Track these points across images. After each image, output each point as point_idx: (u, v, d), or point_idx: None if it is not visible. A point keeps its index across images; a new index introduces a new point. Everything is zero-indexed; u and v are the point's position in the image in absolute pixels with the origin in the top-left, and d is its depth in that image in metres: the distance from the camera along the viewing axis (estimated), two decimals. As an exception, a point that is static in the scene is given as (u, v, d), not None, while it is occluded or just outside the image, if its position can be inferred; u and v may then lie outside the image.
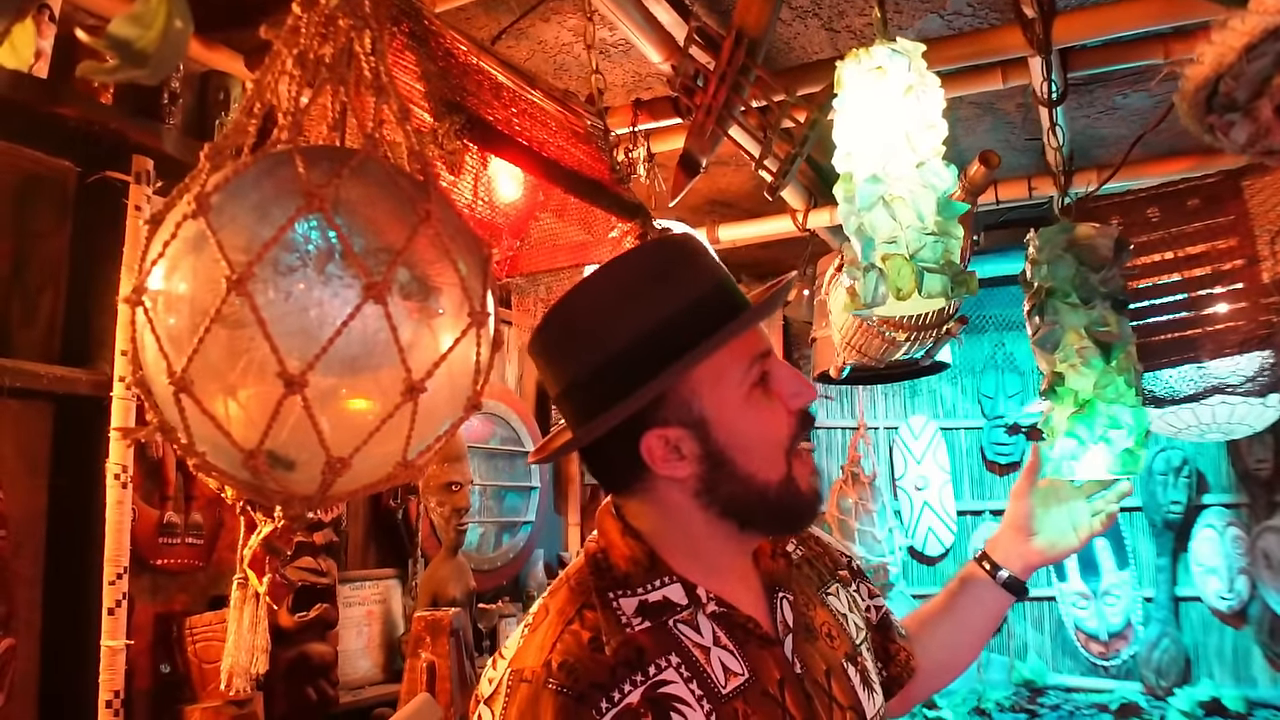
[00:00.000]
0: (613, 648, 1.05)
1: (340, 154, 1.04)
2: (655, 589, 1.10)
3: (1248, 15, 0.72)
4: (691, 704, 1.04)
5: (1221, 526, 3.95)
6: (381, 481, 1.06)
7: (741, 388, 1.08)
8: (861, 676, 1.20)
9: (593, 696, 1.01)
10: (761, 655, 1.11)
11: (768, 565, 1.19)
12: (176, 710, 2.05)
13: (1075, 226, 1.42)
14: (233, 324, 0.96)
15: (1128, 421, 1.35)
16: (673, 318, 1.07)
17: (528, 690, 1.03)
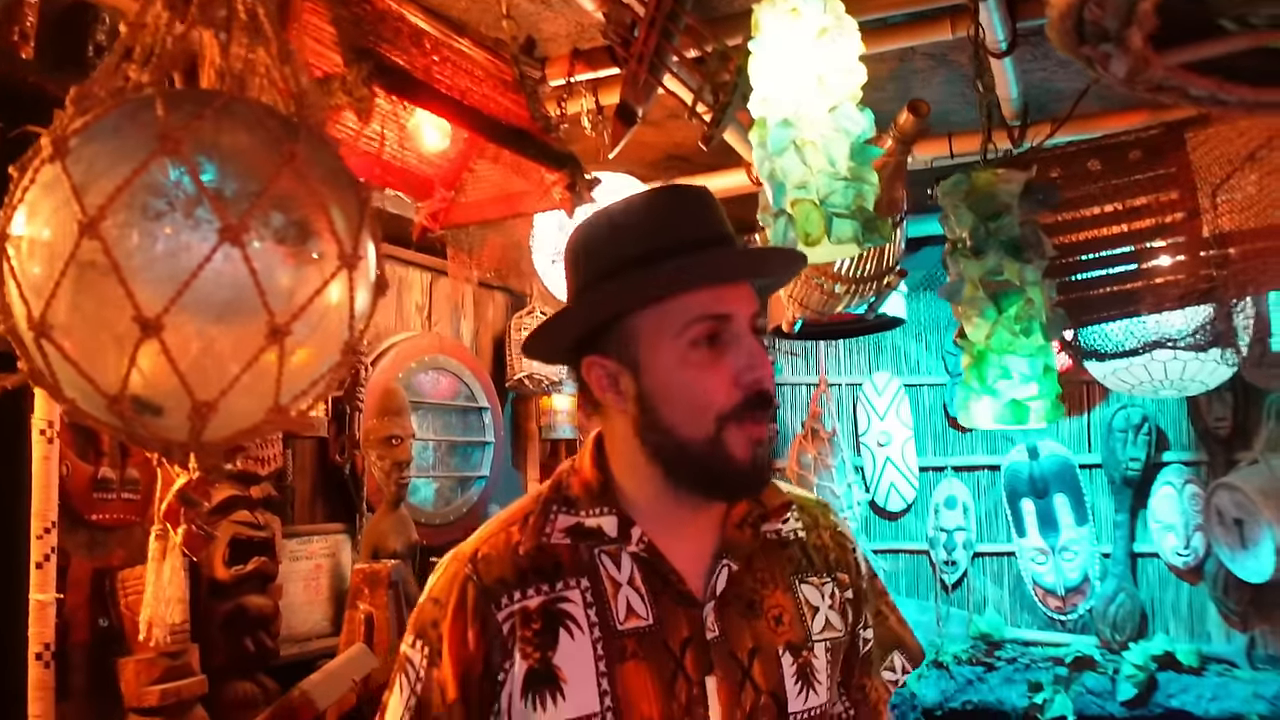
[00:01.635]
0: (528, 552, 1.15)
1: (205, 96, 1.02)
2: (595, 516, 1.17)
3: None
4: (582, 626, 1.12)
5: (1180, 484, 3.97)
6: (256, 428, 1.05)
7: (678, 341, 1.11)
8: (799, 669, 1.19)
9: (496, 591, 1.12)
10: (674, 610, 1.15)
11: (730, 533, 1.21)
12: (112, 661, 2.05)
13: (973, 176, 1.40)
14: (97, 269, 0.94)
15: (1019, 370, 1.33)
16: (637, 256, 1.12)
17: (453, 569, 1.16)
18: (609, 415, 1.19)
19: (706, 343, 1.11)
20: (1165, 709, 3.81)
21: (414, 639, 1.16)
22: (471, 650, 1.11)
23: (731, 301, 1.11)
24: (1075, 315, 2.11)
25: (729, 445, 1.11)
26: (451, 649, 1.12)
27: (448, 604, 1.13)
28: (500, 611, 1.11)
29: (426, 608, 1.16)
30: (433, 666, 1.13)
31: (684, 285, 1.10)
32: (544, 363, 1.50)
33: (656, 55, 2.00)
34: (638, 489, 1.18)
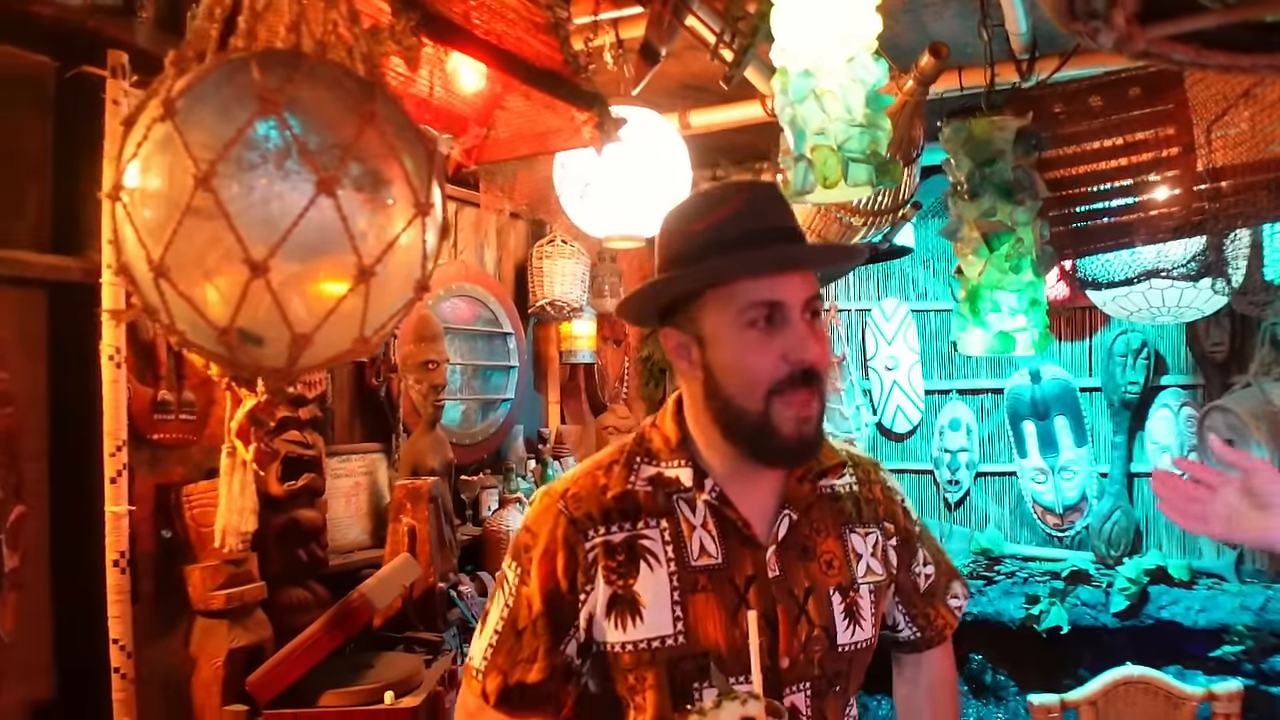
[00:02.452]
0: (614, 495, 1.34)
1: (293, 59, 1.13)
2: (674, 467, 1.34)
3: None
4: (661, 560, 1.30)
5: (1176, 406, 4.12)
6: (342, 355, 1.19)
7: (738, 320, 1.26)
8: (847, 608, 1.36)
9: (584, 524, 1.32)
10: (741, 552, 1.32)
11: (792, 486, 1.37)
12: (178, 569, 2.23)
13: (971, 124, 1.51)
14: (204, 215, 1.07)
15: (1009, 304, 1.46)
16: (702, 245, 1.28)
17: (546, 503, 1.35)
18: (685, 379, 1.36)
19: (764, 323, 1.26)
20: (1156, 620, 4.00)
21: (511, 560, 1.36)
22: (559, 572, 1.30)
23: (785, 289, 1.26)
24: (1074, 245, 2.23)
25: (775, 419, 1.25)
26: (541, 570, 1.31)
27: (539, 533, 1.33)
28: (587, 542, 1.30)
29: (521, 536, 1.36)
30: (522, 584, 1.33)
31: (742, 273, 1.26)
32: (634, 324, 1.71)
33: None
34: (709, 446, 1.34)
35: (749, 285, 1.26)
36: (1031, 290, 1.54)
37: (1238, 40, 1.04)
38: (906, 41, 3.29)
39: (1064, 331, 4.42)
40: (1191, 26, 0.98)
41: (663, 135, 2.57)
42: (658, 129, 2.57)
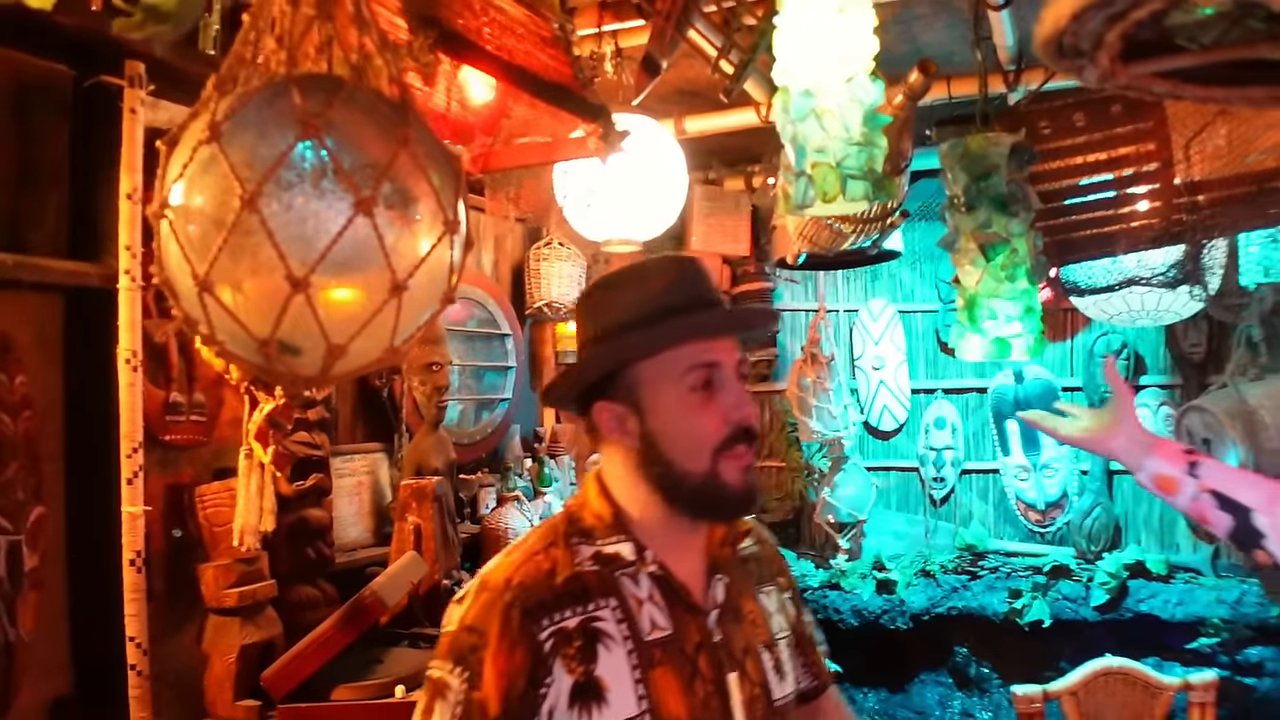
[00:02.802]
0: (563, 579, 1.29)
1: (330, 84, 1.20)
2: (611, 544, 1.33)
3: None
4: (617, 640, 1.28)
5: (1155, 406, 4.22)
6: (373, 364, 1.26)
7: (679, 387, 1.30)
8: (774, 664, 1.42)
9: (538, 613, 1.25)
10: (686, 619, 1.34)
11: (715, 550, 1.40)
12: (191, 568, 2.28)
13: (967, 140, 1.58)
14: (246, 232, 1.14)
15: (1005, 312, 1.54)
16: (637, 316, 1.31)
17: (487, 598, 1.27)
18: (613, 452, 1.37)
19: (701, 387, 1.30)
20: (1134, 613, 4.10)
21: (452, 665, 1.25)
22: (517, 668, 1.22)
23: (719, 351, 1.32)
24: (1060, 255, 2.32)
25: (724, 474, 1.30)
26: (495, 669, 1.22)
27: (487, 630, 1.24)
28: (542, 633, 1.24)
29: (462, 637, 1.26)
30: (473, 690, 1.22)
31: (682, 339, 1.31)
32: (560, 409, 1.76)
33: (683, 14, 2.17)
34: (644, 516, 1.34)
35: (690, 350, 1.30)
36: (1026, 298, 1.62)
37: (1211, 75, 1.12)
38: (897, 52, 3.37)
39: (1047, 332, 4.50)
40: (1170, 65, 1.06)
41: (659, 142, 2.65)
42: (655, 136, 2.65)
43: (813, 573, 4.36)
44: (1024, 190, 1.60)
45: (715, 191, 4.36)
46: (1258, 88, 1.17)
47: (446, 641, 1.29)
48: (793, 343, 4.70)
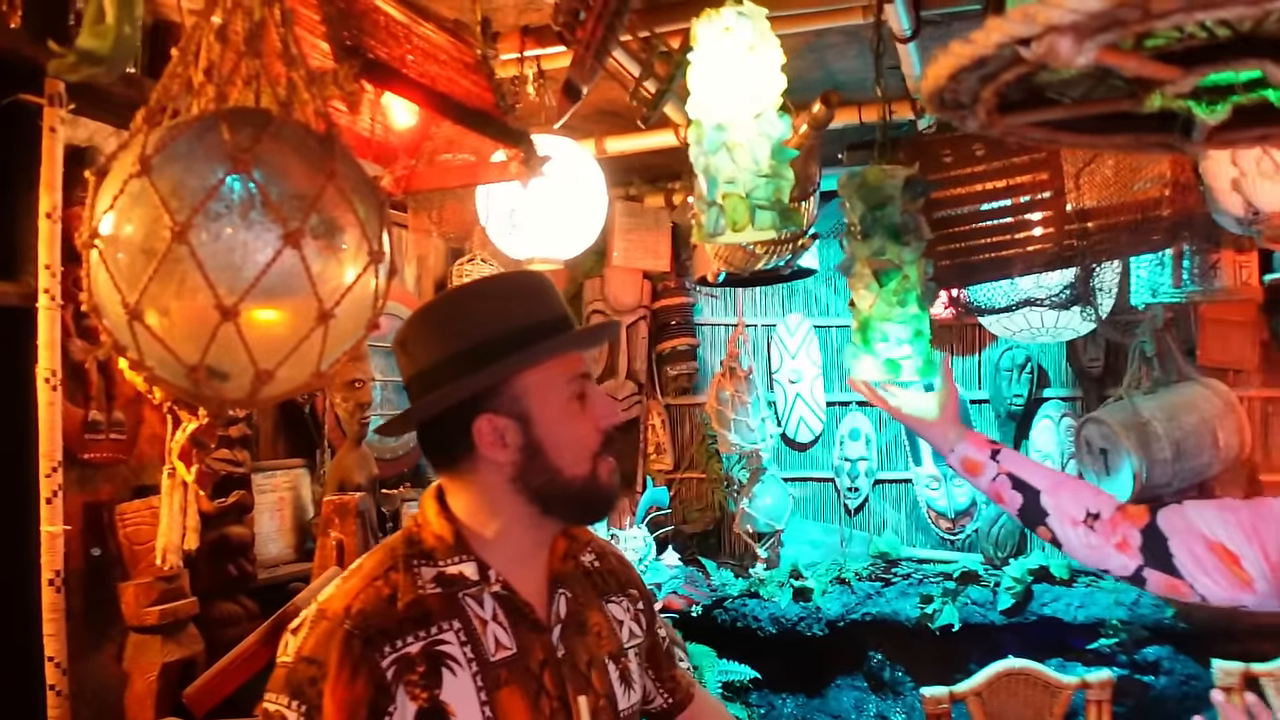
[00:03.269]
0: (404, 604, 1.27)
1: (259, 118, 1.24)
2: (454, 564, 1.33)
3: (945, 55, 0.99)
4: (462, 663, 1.27)
5: (1057, 418, 4.42)
6: (299, 388, 1.31)
7: (562, 397, 1.37)
8: (621, 673, 1.44)
9: (378, 641, 1.23)
10: (530, 637, 1.35)
11: (557, 566, 1.43)
12: (110, 586, 2.28)
13: (864, 172, 1.68)
14: (171, 261, 1.18)
15: (896, 335, 1.64)
16: (515, 330, 1.34)
17: (326, 627, 1.25)
18: (473, 469, 1.36)
19: (578, 397, 1.37)
20: (1039, 616, 4.28)
21: (288, 699, 1.22)
22: (358, 698, 1.19)
23: (584, 364, 1.41)
24: (961, 277, 2.44)
25: (600, 477, 1.37)
26: (335, 701, 1.19)
27: (325, 661, 1.21)
28: (384, 660, 1.22)
29: (300, 668, 1.23)
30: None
31: (572, 349, 1.39)
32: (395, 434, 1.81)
33: (602, 44, 2.24)
34: (495, 533, 1.35)
35: (569, 361, 1.38)
36: (916, 322, 1.73)
37: (1082, 125, 1.23)
38: (811, 78, 3.50)
39: (955, 347, 4.69)
40: (1043, 117, 1.16)
41: (580, 163, 2.72)
42: (576, 157, 2.72)
43: (732, 582, 4.45)
44: (916, 221, 1.70)
45: (635, 208, 4.45)
46: (1123, 135, 1.28)
47: (283, 674, 1.26)
48: (712, 357, 4.80)
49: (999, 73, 1.01)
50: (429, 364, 1.39)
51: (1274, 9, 0.87)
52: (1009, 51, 0.92)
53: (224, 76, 1.27)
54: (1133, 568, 1.50)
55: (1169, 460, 3.65)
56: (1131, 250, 2.43)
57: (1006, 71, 1.00)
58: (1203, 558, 1.42)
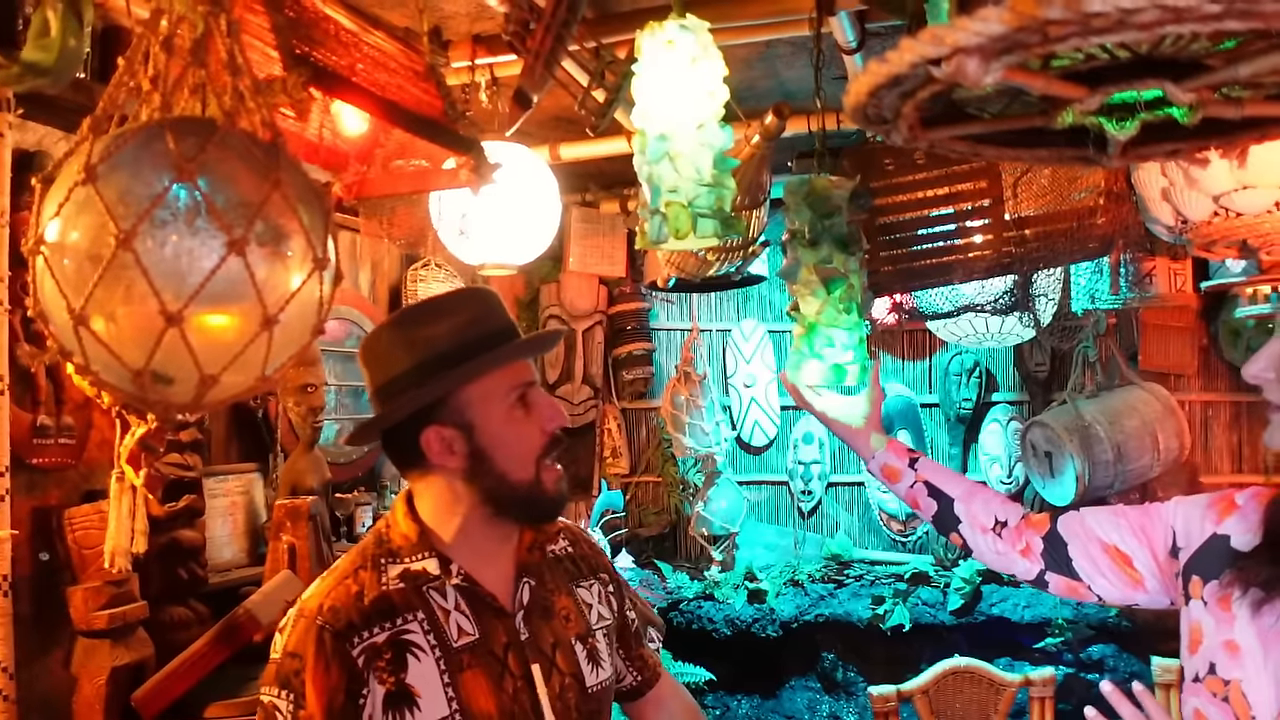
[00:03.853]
0: (370, 599, 1.40)
1: (204, 127, 1.26)
2: (418, 560, 1.45)
3: (864, 74, 1.04)
4: (425, 650, 1.39)
5: (1005, 421, 4.51)
6: (245, 392, 1.33)
7: (503, 405, 1.45)
8: (589, 653, 1.54)
9: (348, 633, 1.36)
10: (493, 623, 1.46)
11: (523, 556, 1.54)
12: (58, 591, 2.27)
13: (812, 181, 1.74)
14: (117, 267, 1.20)
15: (841, 341, 1.69)
16: (457, 345, 1.43)
17: (303, 624, 1.38)
18: (429, 477, 1.47)
19: (522, 403, 1.46)
20: (988, 616, 4.37)
21: (278, 690, 1.36)
22: (334, 684, 1.33)
23: (528, 372, 1.49)
24: (903, 282, 2.50)
25: (544, 481, 1.46)
26: (316, 688, 1.33)
27: (304, 654, 1.35)
28: (354, 650, 1.35)
29: (285, 662, 1.36)
30: (298, 709, 1.33)
31: (511, 360, 1.46)
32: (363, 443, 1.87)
33: (551, 54, 2.28)
34: (455, 531, 1.46)
35: (512, 371, 1.46)
36: (858, 329, 1.78)
37: (1003, 139, 1.28)
38: (762, 87, 3.57)
39: (906, 352, 4.78)
40: (963, 131, 1.21)
41: (533, 170, 2.75)
42: (529, 164, 2.75)
43: (687, 584, 4.50)
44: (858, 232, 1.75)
45: (592, 214, 4.49)
46: (1042, 149, 1.34)
47: (273, 669, 1.38)
48: (668, 361, 4.85)
49: (915, 90, 1.06)
50: (384, 379, 1.49)
51: (1168, 33, 0.92)
52: (922, 71, 0.97)
53: (170, 85, 1.28)
54: (1035, 571, 1.57)
55: (1111, 462, 3.75)
56: (1068, 258, 2.50)
57: (922, 89, 1.06)
58: (1098, 560, 1.48)
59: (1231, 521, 1.36)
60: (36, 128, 2.31)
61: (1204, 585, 1.35)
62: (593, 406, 4.64)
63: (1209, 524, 1.39)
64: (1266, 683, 1.20)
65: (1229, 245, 2.26)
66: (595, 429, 4.68)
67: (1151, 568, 1.45)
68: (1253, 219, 2.03)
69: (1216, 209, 2.04)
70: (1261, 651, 1.23)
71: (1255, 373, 1.31)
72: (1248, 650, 1.24)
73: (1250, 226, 2.06)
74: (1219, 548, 1.35)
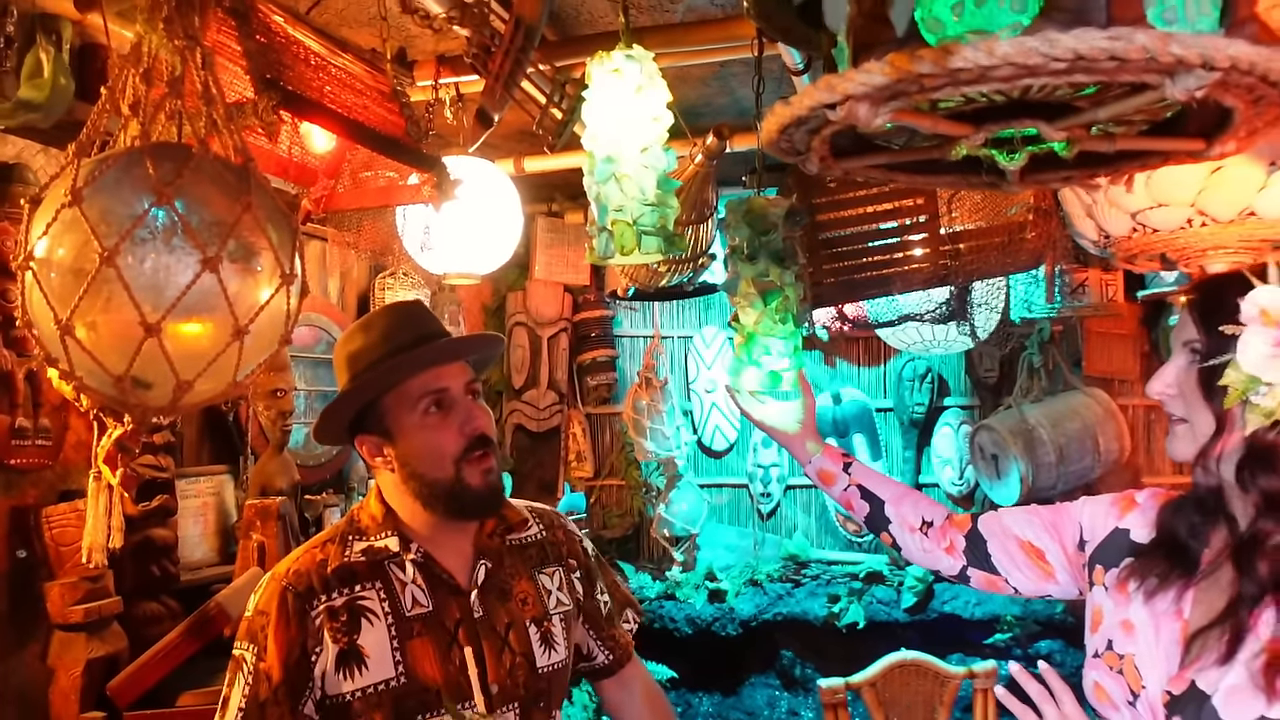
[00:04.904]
0: (333, 568, 1.56)
1: (181, 153, 1.38)
2: (381, 539, 1.60)
3: (772, 115, 1.17)
4: (379, 615, 1.54)
5: (956, 425, 4.67)
6: (218, 397, 1.45)
7: (416, 410, 1.57)
8: (542, 635, 1.66)
9: (308, 596, 1.52)
10: (447, 599, 1.59)
11: (482, 541, 1.66)
12: (34, 587, 2.36)
13: (750, 201, 1.86)
14: (104, 282, 1.31)
15: (777, 349, 1.82)
16: (376, 359, 1.58)
17: (272, 586, 1.55)
18: (382, 473, 1.63)
19: (436, 408, 1.56)
20: (940, 613, 4.52)
21: (246, 643, 1.52)
22: (292, 639, 1.49)
23: (447, 377, 1.59)
24: (845, 293, 2.64)
25: (467, 479, 1.58)
26: (276, 642, 1.48)
27: (270, 611, 1.51)
28: (312, 610, 1.51)
29: (254, 620, 1.53)
30: (260, 661, 1.49)
31: (408, 373, 1.57)
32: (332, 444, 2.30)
33: (510, 76, 2.40)
34: (411, 518, 1.61)
35: (418, 381, 1.57)
36: (794, 338, 1.90)
37: (912, 167, 1.42)
38: (718, 104, 3.70)
39: (862, 359, 4.93)
40: (872, 162, 1.35)
41: (495, 183, 2.87)
42: (492, 177, 2.87)
43: (650, 584, 4.62)
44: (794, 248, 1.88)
45: (557, 223, 4.61)
46: (949, 175, 1.48)
47: (245, 624, 1.55)
48: (631, 368, 4.98)
49: (819, 128, 1.20)
50: (337, 389, 1.64)
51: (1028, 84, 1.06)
52: (820, 113, 1.10)
53: (149, 113, 1.40)
54: (958, 568, 1.69)
55: (1053, 464, 3.91)
56: (1001, 270, 2.65)
57: (824, 128, 1.19)
58: (1015, 555, 1.61)
59: (1132, 517, 1.50)
60: (15, 141, 2.40)
61: (1106, 573, 1.48)
62: (558, 412, 4.75)
63: (1112, 520, 1.52)
64: (1159, 657, 1.33)
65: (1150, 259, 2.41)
66: (560, 433, 4.79)
67: (1062, 561, 1.58)
68: (1168, 234, 2.18)
69: (1135, 225, 2.19)
70: (1153, 630, 1.36)
71: (1158, 390, 1.43)
72: (1141, 628, 1.38)
73: (1166, 241, 2.21)
74: (1120, 540, 1.49)
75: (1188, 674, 1.28)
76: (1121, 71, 0.92)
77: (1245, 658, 1.23)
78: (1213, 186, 1.86)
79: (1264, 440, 1.24)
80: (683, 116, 2.34)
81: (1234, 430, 1.28)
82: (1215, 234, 1.95)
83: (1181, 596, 1.35)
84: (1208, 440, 1.31)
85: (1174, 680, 1.30)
